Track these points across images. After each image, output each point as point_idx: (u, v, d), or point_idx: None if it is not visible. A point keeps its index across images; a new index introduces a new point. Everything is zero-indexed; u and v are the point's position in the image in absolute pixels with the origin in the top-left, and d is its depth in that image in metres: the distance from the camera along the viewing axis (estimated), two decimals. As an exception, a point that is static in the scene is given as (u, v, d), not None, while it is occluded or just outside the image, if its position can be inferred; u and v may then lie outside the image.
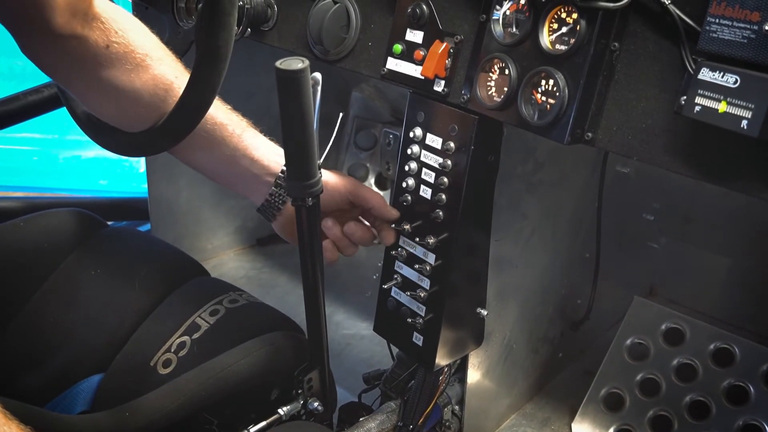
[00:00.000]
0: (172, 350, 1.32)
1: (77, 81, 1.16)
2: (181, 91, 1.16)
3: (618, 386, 1.76)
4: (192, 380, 1.22)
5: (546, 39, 1.08)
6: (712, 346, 1.72)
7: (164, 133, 1.11)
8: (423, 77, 1.24)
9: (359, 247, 1.37)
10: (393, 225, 1.36)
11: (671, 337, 1.78)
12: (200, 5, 0.99)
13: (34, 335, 1.38)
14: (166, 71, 1.18)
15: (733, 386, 1.65)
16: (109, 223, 1.64)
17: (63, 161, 3.64)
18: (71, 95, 1.26)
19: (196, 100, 1.03)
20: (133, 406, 1.18)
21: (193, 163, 1.34)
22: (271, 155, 1.32)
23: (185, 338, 1.33)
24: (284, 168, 1.31)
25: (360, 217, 1.39)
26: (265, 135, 1.34)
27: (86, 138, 1.28)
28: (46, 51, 1.09)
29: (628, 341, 1.81)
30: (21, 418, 0.90)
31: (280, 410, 1.26)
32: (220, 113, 1.27)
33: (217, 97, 1.24)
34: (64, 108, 1.30)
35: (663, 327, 1.79)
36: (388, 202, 1.36)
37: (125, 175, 3.48)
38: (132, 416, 1.16)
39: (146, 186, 2.23)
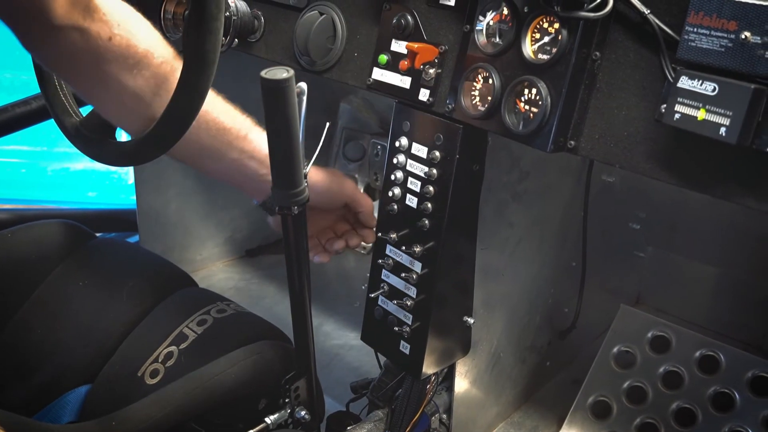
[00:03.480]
0: (160, 360, 1.32)
1: (80, 75, 1.13)
2: None
3: (605, 394, 1.77)
4: (179, 389, 1.22)
5: (528, 48, 1.09)
6: (697, 354, 1.73)
7: (153, 141, 1.09)
8: (408, 87, 1.25)
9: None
10: (380, 233, 1.37)
11: (657, 344, 1.79)
12: (187, 11, 0.99)
13: (21, 346, 1.38)
14: (168, 71, 1.15)
15: (719, 393, 1.66)
16: (98, 234, 1.64)
17: (51, 173, 3.63)
18: (58, 108, 1.25)
19: (184, 106, 1.01)
20: (120, 415, 1.18)
21: (201, 169, 1.31)
22: None
23: (173, 348, 1.33)
24: None
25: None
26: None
27: (75, 150, 1.28)
28: (45, 44, 1.07)
29: (615, 349, 1.82)
30: (8, 427, 0.90)
31: (267, 419, 1.26)
32: (225, 116, 1.24)
33: (221, 98, 1.23)
34: (53, 120, 1.30)
35: (649, 335, 1.80)
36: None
37: (114, 187, 3.47)
38: (119, 426, 1.16)
39: (135, 198, 2.23)
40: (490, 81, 1.13)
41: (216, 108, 1.23)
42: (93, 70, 1.10)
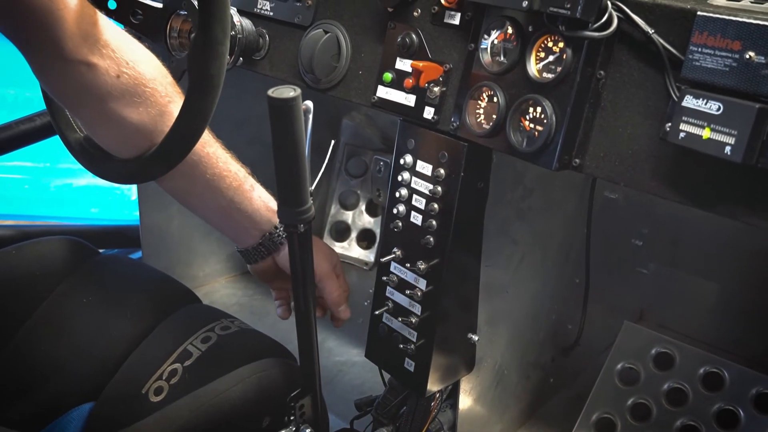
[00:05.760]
0: (164, 378, 1.31)
1: (84, 108, 1.15)
2: None
3: (609, 411, 1.76)
4: (184, 408, 1.22)
5: (533, 67, 1.10)
6: (701, 371, 1.73)
7: (156, 160, 1.11)
8: (413, 105, 1.26)
9: None
10: (384, 252, 1.37)
11: (661, 361, 1.78)
12: (193, 35, 1.00)
13: (25, 363, 1.38)
14: (174, 110, 1.15)
15: (723, 410, 1.66)
16: (101, 250, 1.64)
17: (54, 189, 3.64)
18: (63, 124, 1.26)
19: (188, 127, 1.03)
20: (124, 434, 1.17)
21: (188, 206, 1.38)
22: (264, 211, 1.35)
23: (177, 366, 1.32)
24: (275, 227, 1.36)
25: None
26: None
27: (78, 166, 1.28)
28: (53, 75, 1.09)
29: (619, 366, 1.81)
30: (12, 446, 0.90)
31: (271, 437, 1.26)
32: (221, 163, 1.28)
33: (219, 144, 1.27)
34: (57, 136, 1.31)
35: (653, 351, 1.80)
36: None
37: (117, 203, 3.48)
38: (123, 444, 1.16)
39: (138, 213, 2.23)
40: (495, 99, 1.14)
41: (216, 153, 1.26)
42: (98, 105, 1.12)
